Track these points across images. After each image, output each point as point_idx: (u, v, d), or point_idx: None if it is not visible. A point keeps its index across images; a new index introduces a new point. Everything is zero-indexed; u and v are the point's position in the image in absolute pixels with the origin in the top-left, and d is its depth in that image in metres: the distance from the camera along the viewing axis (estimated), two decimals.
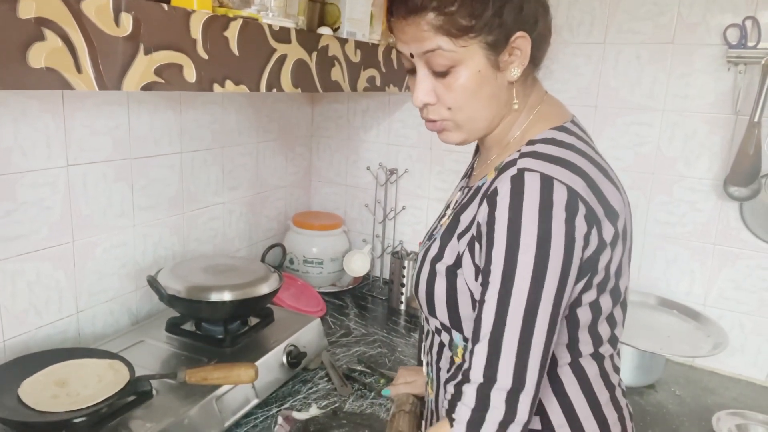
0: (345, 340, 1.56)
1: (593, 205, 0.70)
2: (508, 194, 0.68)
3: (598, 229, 0.70)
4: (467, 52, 0.73)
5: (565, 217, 0.67)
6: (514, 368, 0.67)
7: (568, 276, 0.68)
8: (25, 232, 1.16)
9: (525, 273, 0.67)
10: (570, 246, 0.67)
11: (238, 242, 1.79)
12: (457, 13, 0.71)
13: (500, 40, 0.73)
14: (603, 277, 0.74)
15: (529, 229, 0.67)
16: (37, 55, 0.66)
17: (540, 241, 0.66)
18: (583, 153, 0.74)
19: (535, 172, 0.69)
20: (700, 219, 1.51)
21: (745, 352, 1.50)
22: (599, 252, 0.72)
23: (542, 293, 0.67)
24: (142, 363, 1.15)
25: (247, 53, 0.98)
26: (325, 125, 2.04)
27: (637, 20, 1.49)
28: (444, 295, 0.79)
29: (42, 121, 1.15)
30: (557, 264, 0.67)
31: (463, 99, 0.75)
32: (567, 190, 0.68)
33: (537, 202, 0.67)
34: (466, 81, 0.74)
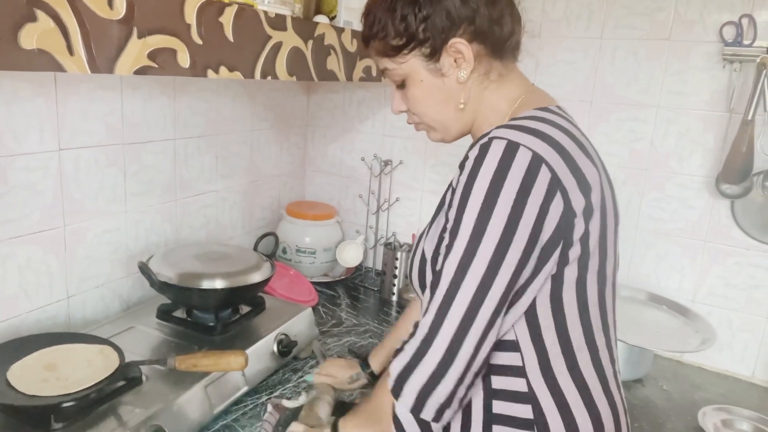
0: (336, 330, 1.57)
1: (560, 174, 0.71)
2: (474, 159, 0.72)
3: (564, 197, 0.71)
4: (408, 66, 0.82)
5: (520, 182, 0.69)
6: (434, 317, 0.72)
7: (511, 242, 0.70)
8: (16, 215, 1.16)
9: (464, 232, 0.71)
10: (517, 213, 0.69)
11: (231, 230, 1.79)
12: (388, 36, 0.81)
13: (435, 49, 0.80)
14: (581, 251, 0.75)
15: (478, 191, 0.70)
16: (28, 36, 0.65)
17: (485, 204, 0.70)
18: (561, 127, 0.77)
19: (502, 139, 0.72)
20: (692, 216, 1.52)
21: (733, 348, 1.52)
22: (568, 220, 0.72)
23: (475, 253, 0.70)
24: (132, 349, 1.15)
25: (242, 40, 0.97)
26: (320, 115, 2.03)
27: (634, 16, 1.49)
28: (432, 276, 0.80)
29: (34, 104, 1.14)
30: (498, 228, 0.69)
31: (418, 106, 0.85)
32: (532, 155, 0.70)
33: (494, 166, 0.70)
34: (415, 91, 0.84)
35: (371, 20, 0.83)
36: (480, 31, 0.79)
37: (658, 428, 1.26)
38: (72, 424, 0.94)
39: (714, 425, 1.24)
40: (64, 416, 0.93)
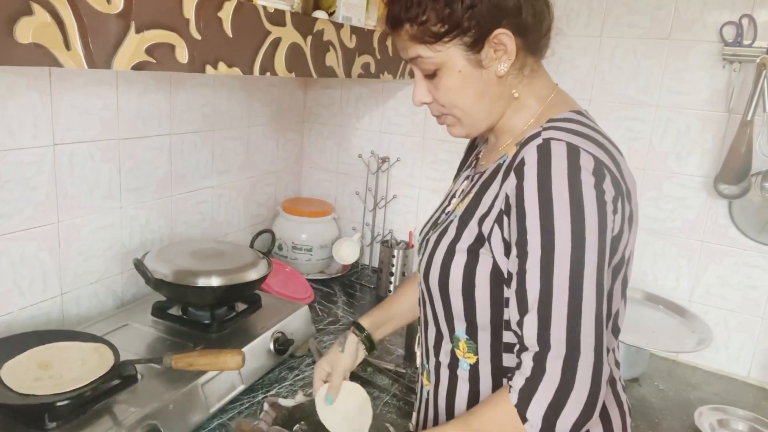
0: (333, 328, 1.56)
1: (618, 177, 0.70)
2: (536, 163, 0.69)
3: (622, 201, 0.71)
4: (446, 55, 0.76)
5: (593, 181, 0.67)
6: (567, 334, 0.66)
7: (606, 238, 0.68)
8: (10, 211, 1.14)
9: (564, 237, 0.67)
10: (602, 208, 0.67)
11: (226, 227, 1.77)
12: (428, 21, 0.74)
13: (478, 39, 0.75)
14: (619, 260, 0.74)
15: (561, 194, 0.67)
16: (24, 30, 0.64)
17: (573, 204, 0.67)
18: (601, 134, 0.76)
19: (561, 141, 0.69)
20: (689, 215, 1.52)
21: (729, 348, 1.52)
22: (622, 226, 0.72)
23: (585, 255, 0.67)
24: (127, 347, 1.13)
25: (240, 35, 0.96)
26: (317, 111, 2.02)
27: (634, 14, 1.49)
28: (460, 278, 0.77)
29: (29, 99, 1.13)
30: (594, 226, 0.67)
31: (450, 98, 0.79)
32: (593, 158, 0.68)
33: (566, 168, 0.67)
34: (450, 82, 0.78)
35: (407, 1, 0.74)
36: (524, 24, 0.75)
37: (655, 427, 1.26)
38: (66, 424, 0.93)
39: (710, 425, 1.25)
40: (59, 415, 0.92)
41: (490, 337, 0.78)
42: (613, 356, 0.82)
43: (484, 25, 0.73)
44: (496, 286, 0.75)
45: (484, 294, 0.76)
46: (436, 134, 1.82)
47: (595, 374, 0.67)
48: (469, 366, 0.81)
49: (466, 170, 0.95)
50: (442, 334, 0.84)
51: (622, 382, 0.86)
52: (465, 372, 0.82)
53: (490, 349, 0.79)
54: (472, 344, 0.80)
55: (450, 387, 0.84)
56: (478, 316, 0.78)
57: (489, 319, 0.77)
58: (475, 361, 0.81)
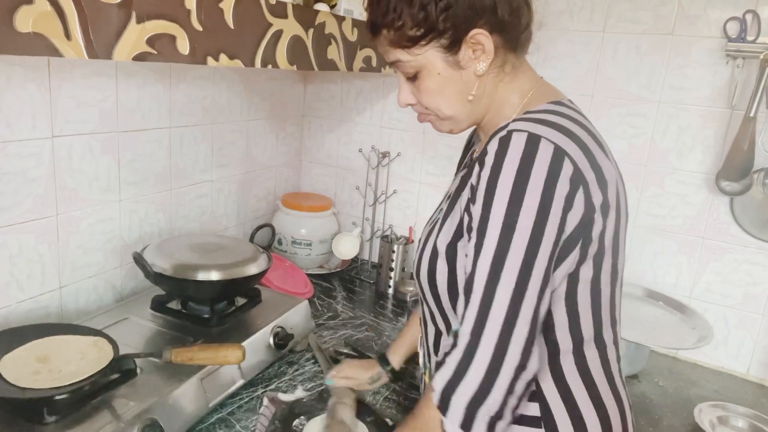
0: (332, 323, 1.56)
1: (582, 167, 0.70)
2: (494, 153, 0.70)
3: (585, 192, 0.70)
4: (424, 58, 0.77)
5: (546, 174, 0.68)
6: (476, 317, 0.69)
7: (542, 235, 0.68)
8: (8, 203, 1.13)
9: (495, 225, 0.68)
10: (546, 206, 0.68)
11: (225, 221, 1.76)
12: (404, 26, 0.75)
13: (454, 41, 0.76)
14: (597, 248, 0.74)
15: (505, 184, 0.68)
16: (24, 18, 0.63)
17: (512, 198, 0.68)
18: (577, 121, 0.76)
19: (522, 132, 0.70)
20: (690, 212, 1.52)
21: (728, 345, 1.52)
22: (588, 215, 0.71)
23: (509, 247, 0.68)
24: (126, 341, 1.13)
25: (242, 27, 0.95)
26: (317, 105, 2.01)
27: (637, 10, 1.48)
28: (446, 274, 0.79)
29: (27, 90, 1.11)
30: (528, 221, 0.67)
31: (431, 99, 0.80)
32: (554, 148, 0.68)
33: (517, 159, 0.68)
34: (430, 84, 0.79)
35: (383, 8, 0.76)
36: (500, 22, 0.75)
37: (655, 424, 1.26)
38: (65, 418, 0.92)
39: (710, 422, 1.25)
40: (57, 409, 0.92)
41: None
42: (613, 351, 0.82)
43: (460, 26, 0.75)
44: None
45: None
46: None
47: (496, 354, 0.68)
48: None
49: (462, 170, 0.95)
50: (440, 332, 0.84)
51: (623, 377, 0.86)
52: None
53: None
54: None
55: None
56: None
57: None
58: None
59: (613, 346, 0.82)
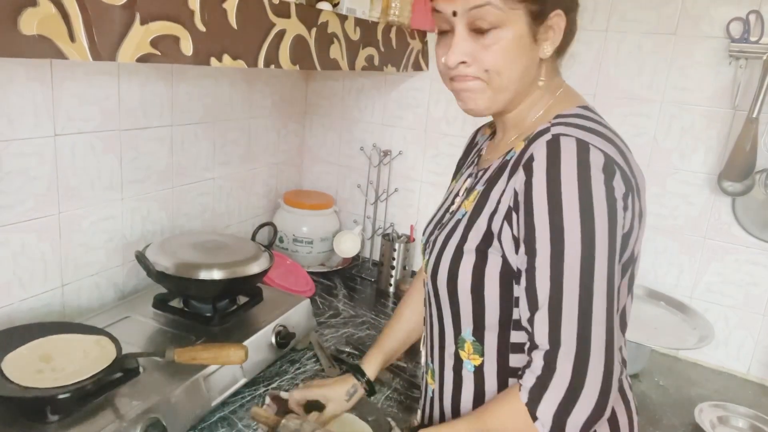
0: (333, 321, 1.56)
1: (628, 173, 0.70)
2: (545, 159, 0.68)
3: (632, 198, 0.70)
4: (513, 15, 0.72)
5: (603, 178, 0.66)
6: (578, 332, 0.66)
7: (616, 237, 0.67)
8: (10, 202, 1.13)
9: (574, 236, 0.66)
10: (612, 205, 0.67)
11: (227, 218, 1.76)
12: None
13: (543, 12, 0.73)
14: (628, 257, 0.74)
15: (570, 190, 0.66)
16: (28, 21, 0.63)
17: (582, 201, 0.66)
18: (609, 129, 0.75)
19: (570, 137, 0.68)
20: (692, 212, 1.52)
21: (729, 345, 1.52)
22: (632, 222, 0.71)
23: (594, 253, 0.66)
24: (128, 339, 1.13)
25: (245, 27, 0.95)
26: (319, 103, 2.01)
27: (640, 9, 1.48)
28: (469, 279, 0.76)
29: (29, 89, 1.11)
30: (604, 224, 0.66)
31: (501, 61, 0.74)
32: (603, 154, 0.67)
33: (575, 164, 0.66)
34: (507, 44, 0.73)
35: None
36: (572, 10, 0.75)
37: (655, 423, 1.26)
38: (68, 417, 0.92)
39: (710, 422, 1.25)
40: (61, 408, 0.92)
41: (497, 338, 0.78)
42: (620, 354, 0.82)
43: (551, 2, 0.73)
44: (506, 285, 0.74)
45: (493, 294, 0.75)
46: (438, 128, 1.81)
47: (606, 373, 0.66)
48: (473, 367, 0.81)
49: (467, 168, 0.94)
50: (446, 336, 0.84)
51: (629, 380, 0.86)
52: (470, 373, 0.82)
53: (496, 350, 0.78)
54: (479, 346, 0.80)
55: (455, 388, 0.84)
56: (486, 316, 0.77)
57: (498, 318, 0.77)
58: (480, 363, 0.80)
59: (620, 352, 0.82)
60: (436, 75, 1.77)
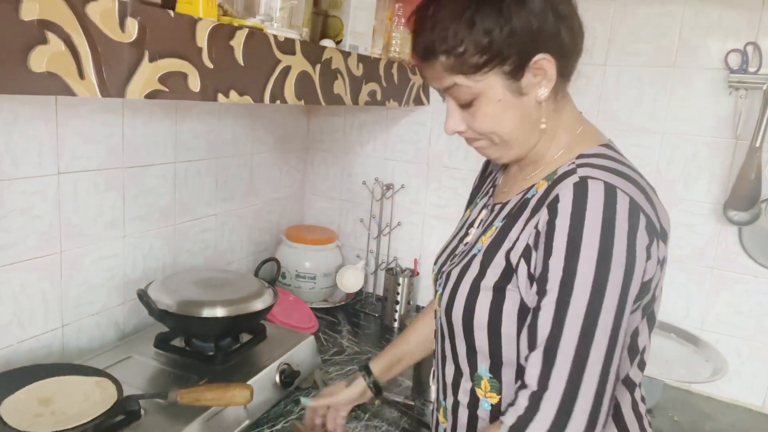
0: (338, 359, 1.53)
1: (653, 219, 0.69)
2: (571, 202, 0.67)
3: (657, 245, 0.69)
4: (485, 84, 0.73)
5: (627, 228, 0.65)
6: (568, 378, 0.65)
7: (629, 289, 0.66)
8: (12, 241, 1.12)
9: (585, 283, 0.65)
10: (632, 259, 0.66)
11: (229, 255, 1.75)
12: (466, 52, 0.71)
13: (518, 66, 0.72)
14: (650, 299, 0.73)
15: (591, 239, 0.65)
16: (38, 59, 0.63)
17: (602, 252, 0.65)
18: (633, 169, 0.74)
19: (598, 180, 0.67)
20: (699, 242, 1.51)
21: (742, 377, 1.49)
22: (656, 267, 0.70)
23: (602, 305, 0.65)
24: (129, 380, 1.10)
25: (252, 63, 0.95)
26: (321, 138, 2.01)
27: (638, 42, 1.50)
28: (486, 315, 0.75)
29: (34, 127, 1.11)
30: (619, 276, 0.65)
31: (489, 126, 0.76)
32: (630, 200, 0.66)
33: (600, 212, 0.65)
34: (489, 110, 0.74)
35: (441, 33, 0.71)
36: (563, 46, 0.72)
37: None
38: None
39: None
40: None
41: (515, 375, 0.76)
42: (639, 392, 0.80)
43: (525, 52, 0.71)
44: (523, 321, 0.73)
45: (510, 331, 0.74)
46: (441, 161, 1.81)
47: (590, 423, 0.65)
48: (490, 406, 0.78)
49: (482, 198, 0.93)
50: (461, 372, 0.82)
51: (648, 417, 0.84)
52: (486, 412, 0.79)
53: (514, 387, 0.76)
54: (496, 383, 0.78)
55: (470, 427, 0.81)
56: (504, 353, 0.75)
57: (515, 355, 0.75)
58: (498, 401, 0.78)
59: (639, 388, 0.80)
60: (437, 108, 1.80)
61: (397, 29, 1.58)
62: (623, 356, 0.69)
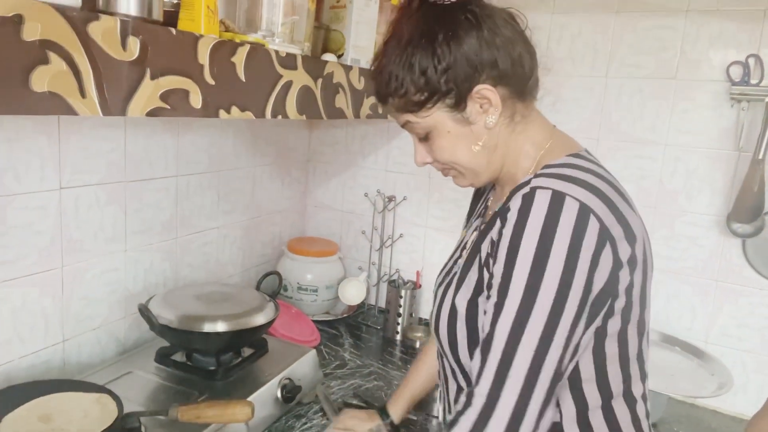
0: (340, 372, 1.52)
1: (608, 223, 0.69)
2: (517, 210, 0.69)
3: (612, 248, 0.69)
4: (432, 120, 0.78)
5: (571, 234, 0.66)
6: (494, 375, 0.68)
7: (569, 293, 0.66)
8: (13, 257, 1.11)
9: (517, 287, 0.67)
10: (572, 263, 0.66)
11: (231, 268, 1.74)
12: (408, 92, 0.77)
13: (459, 99, 0.76)
14: (625, 302, 0.72)
15: (528, 246, 0.67)
16: (40, 78, 0.63)
17: (537, 256, 0.66)
18: (599, 174, 0.74)
19: (547, 189, 0.69)
20: (702, 255, 1.50)
21: (747, 391, 1.48)
22: (615, 272, 0.70)
23: (533, 307, 0.66)
24: (130, 396, 1.10)
25: (253, 79, 0.96)
26: (322, 150, 2.02)
27: (639, 55, 1.50)
28: (465, 331, 0.77)
29: (36, 142, 1.11)
30: (553, 280, 0.66)
31: (446, 156, 0.81)
32: (579, 206, 0.67)
33: (541, 219, 0.67)
34: (442, 142, 0.80)
35: (386, 78, 0.78)
36: (503, 73, 0.75)
37: None
38: None
39: None
40: None
41: None
42: (643, 406, 0.79)
43: (463, 85, 0.75)
44: None
45: None
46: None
47: (514, 417, 0.67)
48: None
49: (476, 219, 0.94)
50: (462, 388, 0.81)
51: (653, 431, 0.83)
52: None
53: None
54: None
55: None
56: None
57: None
58: None
59: (642, 402, 0.79)
60: None
61: None
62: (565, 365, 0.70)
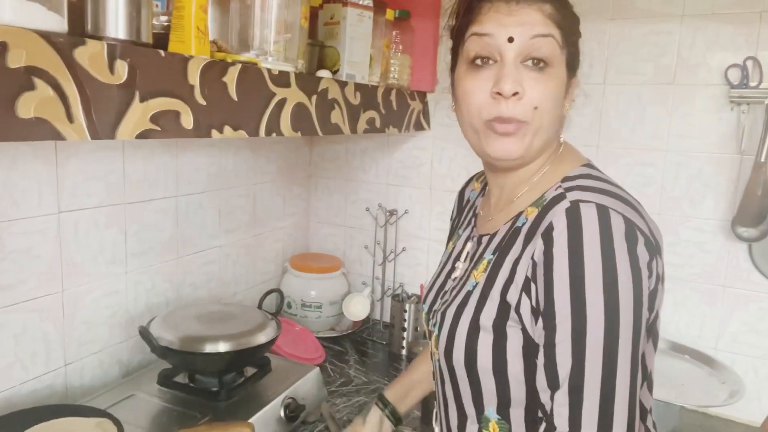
0: (345, 389, 1.50)
1: (649, 235, 0.67)
2: (566, 228, 0.65)
3: (656, 261, 0.67)
4: (561, 58, 0.72)
5: (626, 247, 0.63)
6: (599, 415, 0.62)
7: (642, 307, 0.64)
8: (12, 282, 1.11)
9: (597, 310, 0.62)
10: (637, 276, 0.63)
11: (234, 286, 1.74)
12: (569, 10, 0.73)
13: (573, 65, 0.75)
14: (653, 317, 0.71)
15: (593, 263, 0.63)
16: (26, 105, 0.63)
17: (606, 273, 0.62)
18: (617, 185, 0.73)
19: (590, 203, 0.65)
20: (708, 260, 1.48)
21: (761, 398, 1.45)
22: (656, 285, 0.68)
23: (619, 328, 0.62)
24: (132, 420, 1.09)
25: (246, 98, 0.96)
26: (323, 166, 2.02)
27: (637, 61, 1.49)
28: (490, 357, 0.72)
29: (34, 167, 1.12)
30: (628, 298, 0.63)
31: (550, 100, 0.71)
32: (624, 219, 0.65)
33: (597, 235, 0.63)
34: (556, 84, 0.72)
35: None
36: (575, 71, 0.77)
37: None
38: None
39: None
40: None
41: (524, 413, 0.73)
42: (650, 418, 0.77)
43: (575, 62, 0.75)
44: (530, 359, 0.70)
45: (517, 371, 0.71)
46: (443, 185, 1.81)
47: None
48: None
49: (464, 230, 0.91)
50: (466, 416, 0.78)
51: None
52: None
53: (524, 427, 0.73)
54: (505, 425, 0.74)
55: None
56: (512, 393, 0.72)
57: (524, 394, 0.72)
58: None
59: (649, 414, 0.77)
60: (439, 133, 1.79)
61: (395, 56, 1.59)
62: None
